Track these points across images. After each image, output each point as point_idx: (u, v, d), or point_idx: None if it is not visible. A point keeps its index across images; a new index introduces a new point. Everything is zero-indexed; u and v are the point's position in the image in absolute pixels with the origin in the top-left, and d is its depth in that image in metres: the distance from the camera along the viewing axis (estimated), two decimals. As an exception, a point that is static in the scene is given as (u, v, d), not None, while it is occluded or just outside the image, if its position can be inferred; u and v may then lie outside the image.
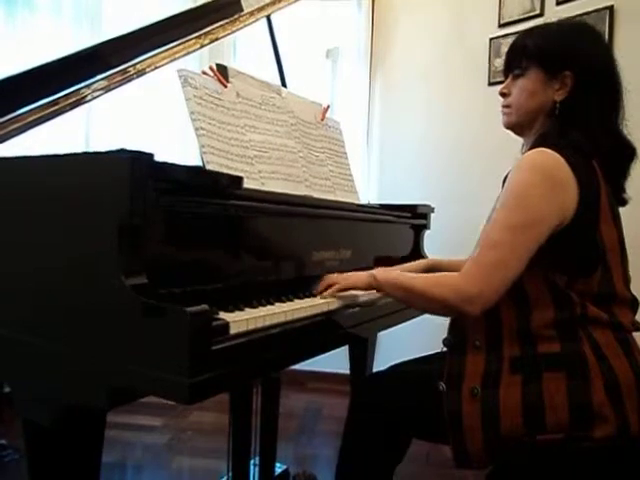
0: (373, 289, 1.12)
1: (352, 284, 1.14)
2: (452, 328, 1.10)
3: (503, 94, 1.13)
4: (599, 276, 0.98)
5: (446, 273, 1.04)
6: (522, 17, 2.64)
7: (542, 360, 0.96)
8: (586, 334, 0.96)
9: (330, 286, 1.15)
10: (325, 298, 1.13)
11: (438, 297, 0.97)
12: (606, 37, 2.28)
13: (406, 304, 1.17)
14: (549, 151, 0.97)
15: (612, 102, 1.04)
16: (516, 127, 1.13)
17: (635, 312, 1.04)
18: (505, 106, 1.12)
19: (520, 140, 1.17)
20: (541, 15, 2.56)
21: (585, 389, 0.92)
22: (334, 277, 1.17)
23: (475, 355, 1.02)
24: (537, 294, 0.98)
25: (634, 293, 1.05)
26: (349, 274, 1.17)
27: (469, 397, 0.99)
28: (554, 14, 2.50)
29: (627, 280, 1.03)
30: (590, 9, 2.37)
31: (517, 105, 1.09)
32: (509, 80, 1.12)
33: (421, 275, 1.08)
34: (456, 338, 1.07)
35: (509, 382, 0.97)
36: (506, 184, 1.00)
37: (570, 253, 0.97)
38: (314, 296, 1.15)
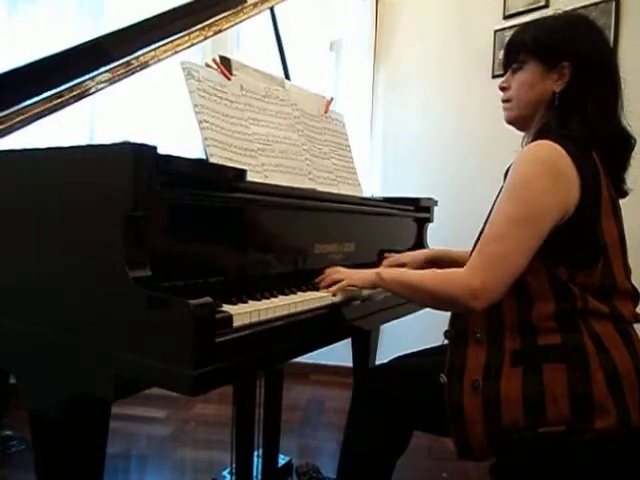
0: (378, 287, 1.13)
1: (357, 283, 1.15)
2: (453, 320, 1.10)
3: (503, 88, 1.13)
4: (600, 269, 0.98)
5: (452, 269, 1.03)
6: (527, 8, 2.61)
7: (542, 352, 0.96)
8: (586, 325, 0.96)
9: (335, 281, 1.15)
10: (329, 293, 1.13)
11: (446, 294, 0.97)
12: (612, 29, 2.25)
13: (411, 301, 1.19)
14: (550, 143, 0.97)
15: (611, 90, 1.04)
16: (517, 121, 1.12)
17: (636, 304, 1.04)
18: (505, 100, 1.12)
19: None
20: (546, 6, 2.54)
21: (585, 380, 0.92)
22: (340, 272, 1.18)
23: (476, 348, 1.02)
24: (538, 287, 0.97)
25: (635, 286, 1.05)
26: (354, 271, 1.18)
27: (470, 390, 1.00)
28: (559, 5, 2.48)
29: (627, 271, 1.03)
30: (596, 1, 2.35)
31: (517, 98, 1.09)
32: (508, 74, 1.12)
33: (427, 272, 1.08)
34: (457, 330, 1.07)
35: (510, 375, 0.97)
36: (508, 177, 0.99)
37: (572, 246, 0.97)
38: (317, 289, 1.15)
